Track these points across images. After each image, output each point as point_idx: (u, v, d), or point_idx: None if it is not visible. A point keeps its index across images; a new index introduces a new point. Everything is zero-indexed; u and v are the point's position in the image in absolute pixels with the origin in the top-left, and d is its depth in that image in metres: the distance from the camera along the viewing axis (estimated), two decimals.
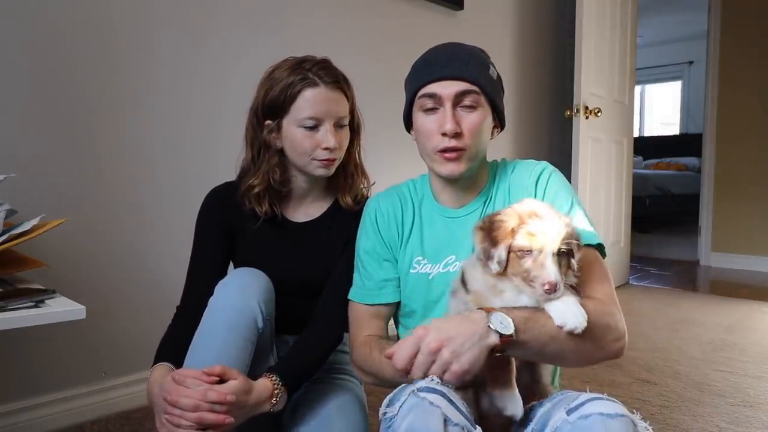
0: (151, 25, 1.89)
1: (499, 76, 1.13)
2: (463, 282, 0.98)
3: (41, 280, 1.21)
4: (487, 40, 3.31)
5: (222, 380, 1.01)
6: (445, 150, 1.06)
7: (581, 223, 1.05)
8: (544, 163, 1.15)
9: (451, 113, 1.05)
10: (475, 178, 1.15)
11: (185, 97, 1.99)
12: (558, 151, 3.92)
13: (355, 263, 1.24)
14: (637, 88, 7.15)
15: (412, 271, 1.16)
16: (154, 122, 1.91)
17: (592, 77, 3.42)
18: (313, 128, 1.22)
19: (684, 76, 8.52)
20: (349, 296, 1.22)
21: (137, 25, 1.86)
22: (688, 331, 2.83)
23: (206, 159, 2.01)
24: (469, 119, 1.06)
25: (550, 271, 0.84)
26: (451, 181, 1.13)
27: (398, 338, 1.19)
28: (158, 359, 1.18)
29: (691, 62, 8.32)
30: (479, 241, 0.92)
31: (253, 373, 1.10)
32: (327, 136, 1.22)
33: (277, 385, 1.09)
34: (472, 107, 1.06)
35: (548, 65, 3.87)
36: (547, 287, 0.84)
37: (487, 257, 0.90)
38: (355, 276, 1.23)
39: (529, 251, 0.86)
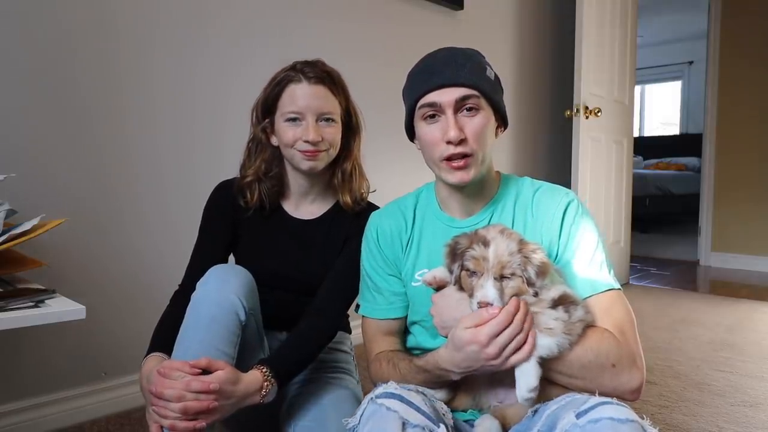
0: (154, 24, 1.89)
1: (496, 76, 1.11)
2: None
3: (41, 280, 1.22)
4: (487, 40, 3.32)
5: (209, 371, 1.02)
6: (451, 158, 1.04)
7: (598, 269, 1.04)
8: (573, 194, 1.12)
9: (454, 120, 1.03)
10: (482, 186, 1.12)
11: (188, 96, 1.99)
12: (558, 151, 3.92)
13: (362, 280, 1.24)
14: (637, 88, 7.15)
15: (414, 284, 1.15)
16: (155, 122, 1.91)
17: (592, 77, 3.42)
18: (295, 121, 1.28)
19: (684, 76, 8.52)
20: (361, 312, 1.22)
21: (140, 23, 1.86)
22: (688, 331, 2.83)
23: (208, 158, 2.01)
24: (472, 124, 1.04)
25: (486, 292, 0.92)
26: (457, 188, 1.10)
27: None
28: (152, 347, 1.20)
29: (691, 62, 8.32)
30: (445, 257, 1.01)
31: (243, 369, 1.10)
32: (307, 129, 1.26)
33: (267, 376, 1.10)
34: (474, 111, 1.05)
35: (548, 65, 3.86)
36: (481, 304, 0.92)
37: (450, 271, 1.00)
38: (365, 292, 1.22)
39: (473, 272, 0.95)
